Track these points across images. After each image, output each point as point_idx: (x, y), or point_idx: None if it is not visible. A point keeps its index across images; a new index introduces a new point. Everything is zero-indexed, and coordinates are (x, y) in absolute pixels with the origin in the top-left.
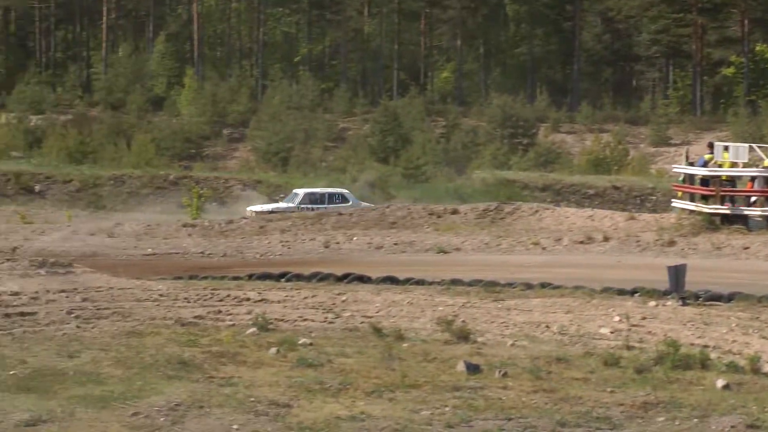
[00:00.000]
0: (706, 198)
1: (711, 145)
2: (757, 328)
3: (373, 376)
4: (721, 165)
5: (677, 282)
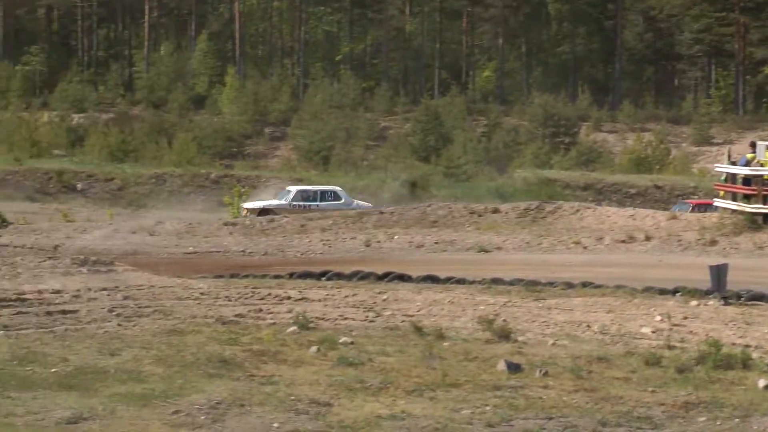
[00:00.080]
0: (748, 197)
1: (753, 144)
2: None
3: (413, 375)
4: (763, 164)
5: (719, 281)
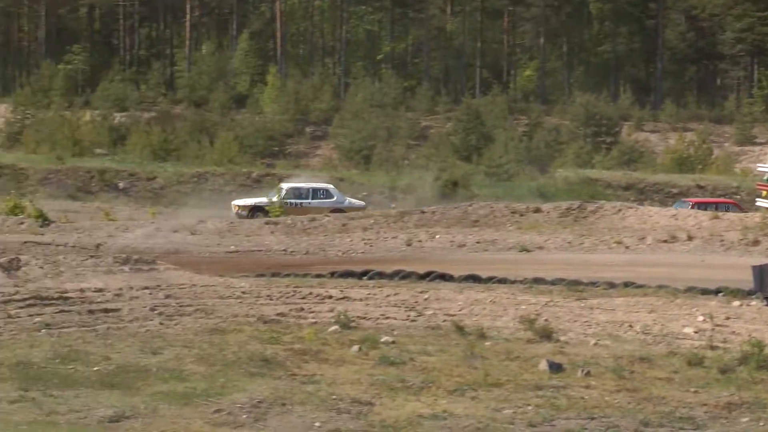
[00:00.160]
0: None
1: None
2: None
3: (455, 375)
4: None
5: (762, 281)
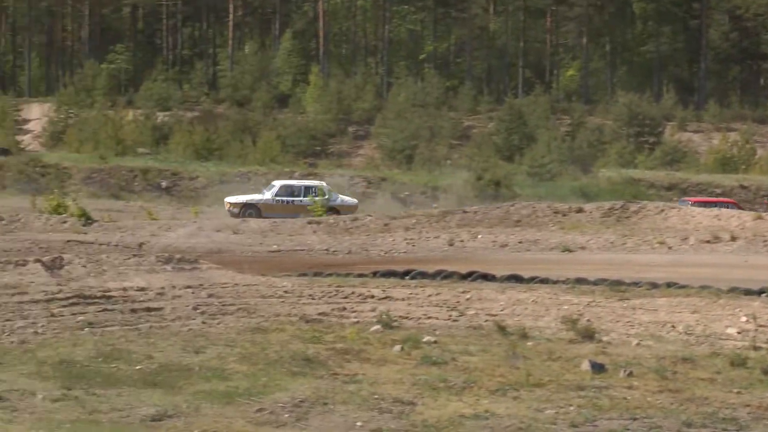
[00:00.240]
0: None
1: None
2: None
3: (497, 375)
4: None
5: None
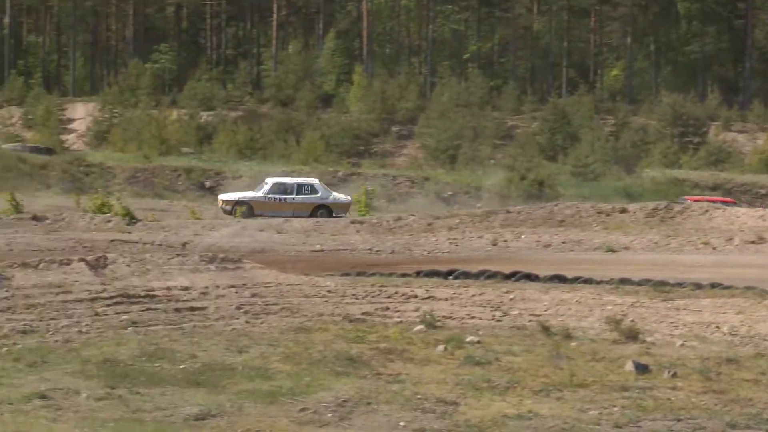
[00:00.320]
0: None
1: None
2: None
3: (540, 375)
4: None
5: None
